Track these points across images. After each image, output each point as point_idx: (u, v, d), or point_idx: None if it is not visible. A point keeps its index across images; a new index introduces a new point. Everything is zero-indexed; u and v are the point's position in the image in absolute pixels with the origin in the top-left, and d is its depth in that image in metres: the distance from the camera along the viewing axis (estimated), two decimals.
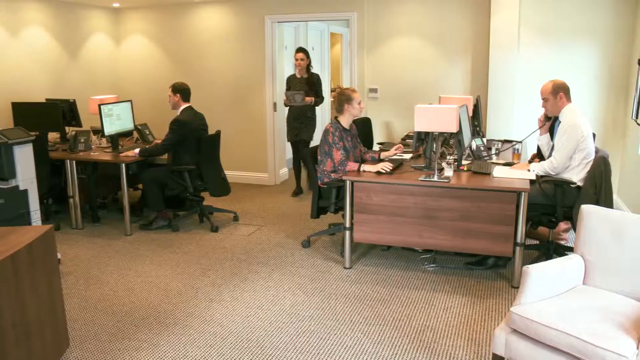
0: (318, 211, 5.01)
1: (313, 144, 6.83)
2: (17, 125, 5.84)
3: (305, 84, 6.92)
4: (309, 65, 6.97)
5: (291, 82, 7.05)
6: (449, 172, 4.42)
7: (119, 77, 8.34)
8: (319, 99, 7.03)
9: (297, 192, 7.29)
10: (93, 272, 4.70)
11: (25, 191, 4.97)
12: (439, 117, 4.25)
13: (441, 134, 4.48)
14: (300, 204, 6.76)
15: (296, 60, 6.91)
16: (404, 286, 4.32)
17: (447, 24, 6.62)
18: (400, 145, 5.31)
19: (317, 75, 7.02)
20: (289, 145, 8.70)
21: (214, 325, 3.73)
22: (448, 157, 4.66)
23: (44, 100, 6.71)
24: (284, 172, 8.10)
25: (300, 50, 6.95)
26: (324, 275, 4.56)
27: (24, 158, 4.98)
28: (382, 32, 6.93)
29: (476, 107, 5.79)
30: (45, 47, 7.06)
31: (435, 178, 4.31)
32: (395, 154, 5.16)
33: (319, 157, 4.92)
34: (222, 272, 4.67)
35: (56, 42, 7.21)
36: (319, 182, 4.92)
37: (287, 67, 8.30)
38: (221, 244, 5.35)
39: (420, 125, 4.34)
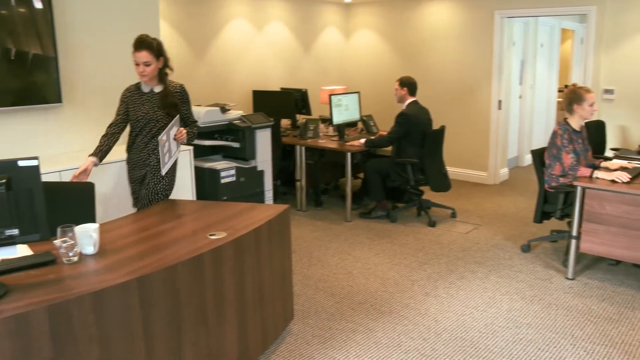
0: (542, 216, 4.81)
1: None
2: (256, 111, 6.39)
3: (160, 101, 3.72)
4: (162, 70, 3.70)
5: (129, 101, 3.76)
6: None
7: (346, 70, 8.71)
8: (191, 127, 3.88)
9: None
10: (315, 253, 5.01)
11: (262, 172, 5.47)
12: None
13: None
14: (520, 206, 6.51)
15: (136, 64, 3.59)
16: (636, 307, 3.97)
17: None
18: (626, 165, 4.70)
19: (181, 87, 3.80)
20: (512, 144, 8.41)
21: (428, 319, 3.78)
22: None
23: (279, 89, 7.26)
24: (505, 172, 7.85)
25: (142, 45, 3.56)
26: (543, 283, 4.37)
27: (263, 141, 5.48)
28: (625, 27, 6.36)
29: None
30: (283, 41, 7.62)
31: None
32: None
33: (546, 161, 4.70)
34: (439, 267, 4.70)
35: (293, 36, 7.74)
36: (546, 186, 4.71)
37: (515, 64, 8.03)
38: (438, 239, 5.37)
39: None
